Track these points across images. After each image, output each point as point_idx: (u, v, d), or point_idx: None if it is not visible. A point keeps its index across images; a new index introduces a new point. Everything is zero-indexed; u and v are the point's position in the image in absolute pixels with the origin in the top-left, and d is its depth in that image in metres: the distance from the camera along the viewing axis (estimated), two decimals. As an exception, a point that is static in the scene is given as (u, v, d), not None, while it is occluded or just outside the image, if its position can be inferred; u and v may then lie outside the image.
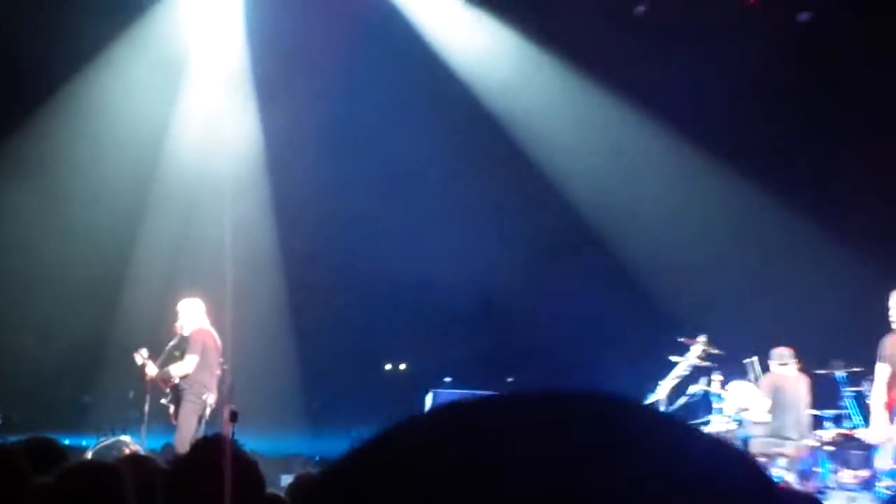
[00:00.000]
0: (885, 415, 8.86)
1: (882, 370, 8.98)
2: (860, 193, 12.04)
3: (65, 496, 3.37)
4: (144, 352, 10.50)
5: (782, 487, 7.57)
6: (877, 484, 8.85)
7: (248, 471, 3.22)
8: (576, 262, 12.85)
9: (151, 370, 10.42)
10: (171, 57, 12.67)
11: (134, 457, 5.04)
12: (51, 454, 4.20)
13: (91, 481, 3.48)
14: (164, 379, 10.39)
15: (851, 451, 9.49)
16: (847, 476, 9.29)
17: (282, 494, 4.59)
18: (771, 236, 12.53)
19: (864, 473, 9.15)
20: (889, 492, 8.65)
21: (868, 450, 9.20)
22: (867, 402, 9.26)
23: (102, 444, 10.12)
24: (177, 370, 10.33)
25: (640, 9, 11.45)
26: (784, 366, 10.56)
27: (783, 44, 11.56)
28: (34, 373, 11.81)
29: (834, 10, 11.37)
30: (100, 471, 3.66)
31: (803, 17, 11.46)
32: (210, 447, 3.51)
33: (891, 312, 8.90)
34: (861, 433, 9.21)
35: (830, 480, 9.36)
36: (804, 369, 10.52)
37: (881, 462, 8.86)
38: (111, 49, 12.38)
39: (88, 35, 12.08)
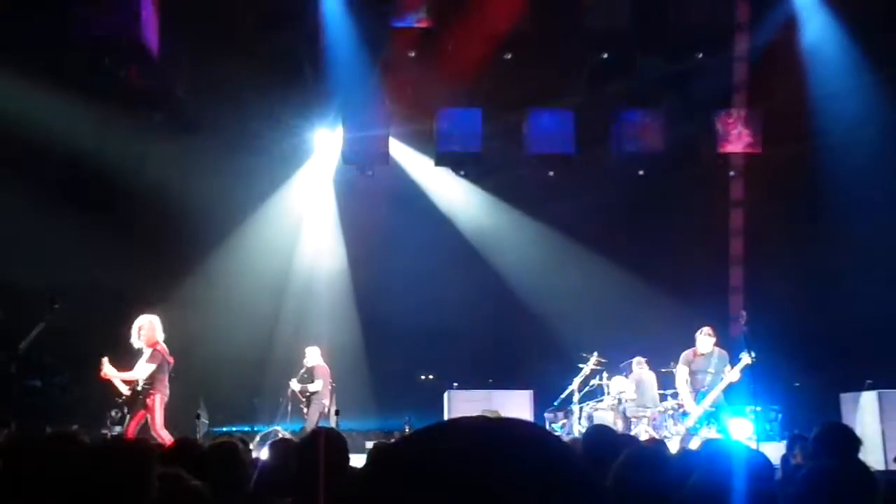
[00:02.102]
0: (691, 395, 9.58)
1: (682, 370, 9.74)
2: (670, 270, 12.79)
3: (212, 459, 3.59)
4: (294, 381, 11.31)
5: (650, 440, 7.99)
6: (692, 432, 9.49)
7: (338, 444, 3.41)
8: (517, 323, 13.43)
9: (295, 385, 11.32)
10: (295, 210, 13.41)
11: (282, 439, 5.42)
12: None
13: (227, 449, 3.74)
14: (302, 393, 11.27)
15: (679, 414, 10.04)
16: (675, 429, 9.94)
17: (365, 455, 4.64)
18: (633, 297, 13.02)
19: (682, 428, 9.79)
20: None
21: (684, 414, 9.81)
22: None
23: (264, 432, 10.79)
24: (311, 388, 11.22)
25: (551, 174, 12.22)
26: (641, 366, 11.36)
27: (627, 188, 12.50)
28: (227, 388, 12.28)
29: (658, 168, 12.22)
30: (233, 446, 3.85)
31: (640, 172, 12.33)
32: (318, 432, 3.75)
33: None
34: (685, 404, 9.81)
35: (671, 431, 9.95)
36: (651, 368, 11.26)
37: (689, 421, 9.63)
38: (260, 208, 13.18)
39: (246, 199, 12.92)
